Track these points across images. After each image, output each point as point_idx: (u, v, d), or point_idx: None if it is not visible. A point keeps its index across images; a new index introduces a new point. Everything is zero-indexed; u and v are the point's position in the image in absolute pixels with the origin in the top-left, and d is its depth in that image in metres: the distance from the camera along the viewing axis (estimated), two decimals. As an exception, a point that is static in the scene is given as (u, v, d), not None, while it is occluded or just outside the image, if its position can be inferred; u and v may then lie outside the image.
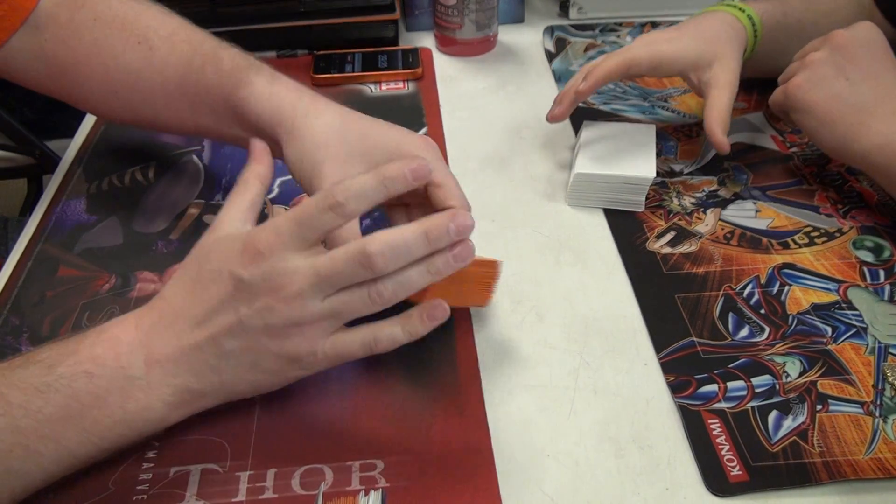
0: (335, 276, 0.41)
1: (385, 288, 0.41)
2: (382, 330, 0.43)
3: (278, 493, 0.44)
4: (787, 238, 0.60)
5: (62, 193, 0.67)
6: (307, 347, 0.43)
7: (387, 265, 0.40)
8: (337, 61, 0.82)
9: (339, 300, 0.42)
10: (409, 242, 0.40)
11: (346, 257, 0.40)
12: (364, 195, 0.41)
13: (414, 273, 0.41)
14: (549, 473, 0.45)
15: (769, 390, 0.48)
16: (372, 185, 0.41)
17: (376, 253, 0.40)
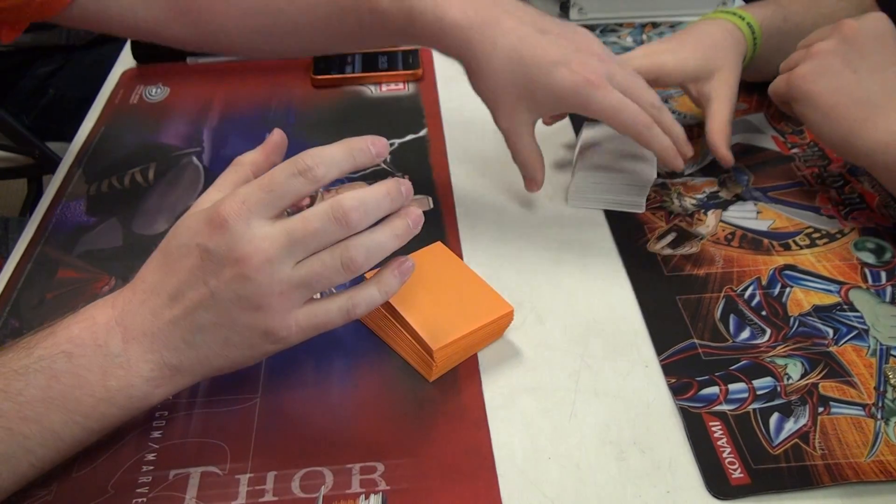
0: (309, 236, 0.41)
1: (358, 253, 0.42)
2: (359, 293, 0.43)
3: (278, 496, 0.43)
4: (789, 239, 0.59)
5: (62, 195, 0.66)
6: (279, 320, 0.42)
7: (361, 220, 0.41)
8: (337, 62, 0.82)
9: (310, 268, 0.41)
10: (378, 197, 0.42)
11: (320, 214, 0.41)
12: (333, 163, 0.42)
13: (382, 237, 0.42)
14: (550, 476, 0.45)
15: (770, 392, 0.48)
16: (341, 153, 0.42)
17: (351, 208, 0.41)
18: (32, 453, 0.41)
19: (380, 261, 0.43)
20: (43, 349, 0.41)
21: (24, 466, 0.41)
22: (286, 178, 0.41)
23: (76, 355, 0.41)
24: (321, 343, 0.52)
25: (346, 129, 0.73)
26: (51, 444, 0.41)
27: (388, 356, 0.51)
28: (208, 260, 0.41)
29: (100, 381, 0.41)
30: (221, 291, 0.41)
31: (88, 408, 0.41)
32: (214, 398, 0.49)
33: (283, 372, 0.50)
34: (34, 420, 0.40)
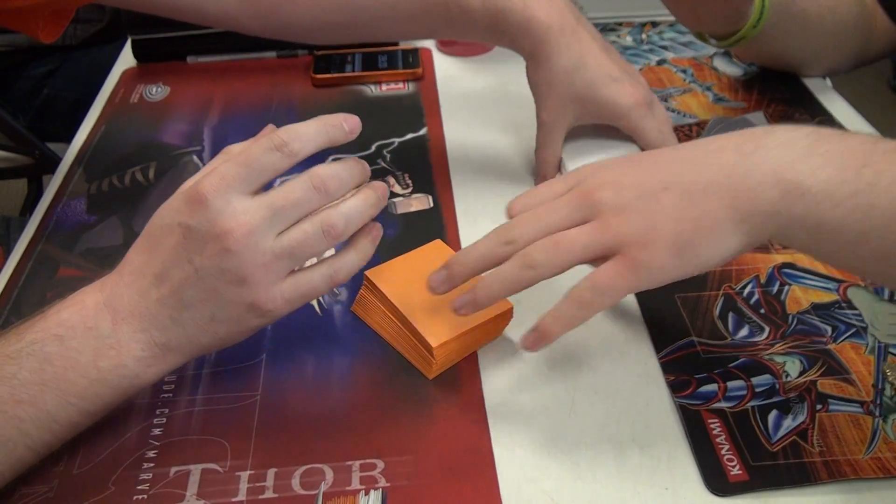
0: (289, 206, 0.42)
1: (338, 220, 0.43)
2: (340, 260, 0.45)
3: (278, 493, 0.44)
4: (787, 238, 0.60)
5: (63, 193, 0.67)
6: (264, 292, 0.43)
7: (338, 187, 0.44)
8: (337, 61, 0.82)
9: (292, 237, 0.43)
10: (350, 167, 0.45)
11: (299, 184, 0.43)
12: (308, 138, 0.43)
13: (359, 204, 0.45)
14: (549, 473, 0.45)
15: (769, 390, 0.48)
16: (315, 129, 0.44)
17: (329, 176, 0.43)
18: (28, 436, 0.41)
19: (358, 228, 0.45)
20: (34, 333, 0.42)
21: (21, 449, 0.41)
22: (263, 153, 0.42)
23: (67, 338, 0.42)
24: (321, 341, 0.52)
25: (346, 128, 0.73)
26: (46, 426, 0.41)
27: (387, 354, 0.51)
28: (191, 238, 0.42)
29: (92, 363, 0.42)
30: (205, 267, 0.42)
31: (82, 389, 0.42)
32: (215, 395, 0.49)
33: (284, 369, 0.51)
34: (28, 402, 0.41)
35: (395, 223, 0.62)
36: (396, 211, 0.63)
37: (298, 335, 0.53)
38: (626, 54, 0.84)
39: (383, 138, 0.72)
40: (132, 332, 0.43)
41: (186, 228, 0.42)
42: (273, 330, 0.53)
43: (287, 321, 0.53)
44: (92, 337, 0.42)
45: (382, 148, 0.71)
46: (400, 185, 0.66)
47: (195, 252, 0.42)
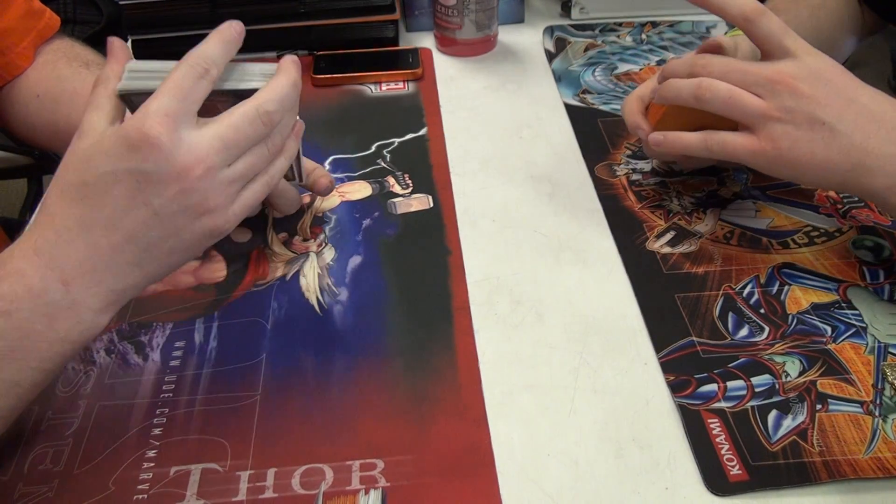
0: (241, 140, 0.44)
1: (277, 139, 0.46)
2: (272, 168, 0.47)
3: (278, 493, 0.44)
4: (787, 238, 0.60)
5: (63, 194, 0.67)
6: (222, 217, 0.45)
7: (280, 119, 0.45)
8: (337, 61, 0.82)
9: (244, 162, 0.45)
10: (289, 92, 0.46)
11: (247, 119, 0.44)
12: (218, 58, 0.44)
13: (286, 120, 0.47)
14: (550, 473, 0.45)
15: (769, 390, 0.48)
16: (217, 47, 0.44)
17: (275, 109, 0.45)
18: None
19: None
20: None
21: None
22: (194, 82, 0.43)
23: (14, 311, 0.41)
24: (321, 340, 0.52)
25: (346, 127, 0.74)
26: (10, 393, 0.41)
27: (388, 352, 0.52)
28: (146, 182, 0.41)
29: (48, 327, 0.41)
30: (166, 207, 0.42)
31: (41, 353, 0.42)
32: (215, 395, 0.49)
33: (284, 369, 0.51)
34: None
35: (395, 223, 0.62)
36: (396, 211, 0.63)
37: (298, 335, 0.53)
38: (625, 54, 0.84)
39: (383, 138, 0.72)
40: (86, 288, 0.42)
41: (141, 173, 0.41)
42: (273, 330, 0.53)
43: (287, 321, 0.54)
44: (43, 304, 0.41)
45: (382, 148, 0.71)
46: (400, 185, 0.66)
47: (154, 195, 0.42)
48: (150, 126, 0.41)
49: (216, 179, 0.43)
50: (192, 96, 0.42)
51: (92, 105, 0.44)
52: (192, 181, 0.42)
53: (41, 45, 0.69)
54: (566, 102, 0.76)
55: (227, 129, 0.43)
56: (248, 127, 0.44)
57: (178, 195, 0.42)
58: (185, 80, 0.42)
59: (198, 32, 0.82)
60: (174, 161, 0.41)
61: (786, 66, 0.50)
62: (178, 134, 0.41)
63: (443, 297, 0.55)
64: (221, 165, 0.43)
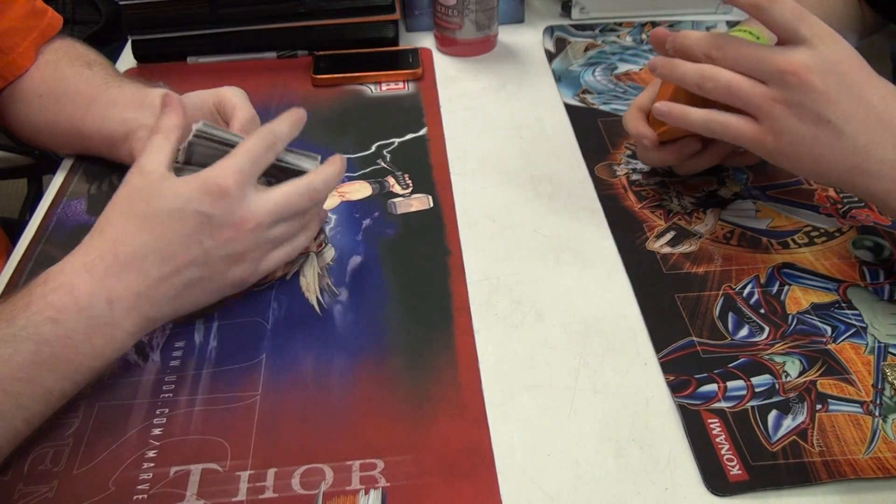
0: (290, 208, 0.51)
1: (309, 217, 0.54)
2: (297, 239, 0.54)
3: (278, 493, 0.44)
4: (787, 238, 0.60)
5: (63, 194, 0.67)
6: (251, 268, 0.51)
7: (325, 196, 0.54)
8: (337, 61, 0.82)
9: (284, 228, 0.52)
10: (335, 177, 0.54)
11: (299, 192, 0.51)
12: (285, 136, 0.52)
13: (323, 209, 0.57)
14: (549, 473, 0.45)
15: (769, 390, 0.48)
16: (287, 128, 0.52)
17: (321, 189, 0.53)
18: (26, 409, 0.43)
19: None
20: (24, 318, 0.44)
21: (18, 422, 0.43)
22: (264, 151, 0.50)
23: (61, 320, 0.44)
24: (321, 341, 0.52)
25: (346, 128, 0.74)
26: (42, 400, 0.44)
27: (388, 352, 0.52)
28: (207, 224, 0.47)
29: (86, 341, 0.45)
30: (215, 250, 0.48)
31: (77, 365, 0.45)
32: (215, 395, 0.49)
33: (284, 370, 0.51)
34: (27, 380, 0.43)
35: (395, 223, 0.62)
36: (396, 211, 0.63)
37: (298, 335, 0.53)
38: (625, 54, 0.84)
39: (383, 138, 0.72)
40: (127, 311, 0.46)
41: (206, 216, 0.47)
42: (273, 330, 0.53)
43: (287, 321, 0.54)
44: (86, 317, 0.45)
45: (382, 148, 0.71)
46: (400, 185, 0.66)
47: (209, 237, 0.48)
48: (226, 177, 0.48)
49: (262, 236, 0.50)
50: (260, 162, 0.50)
51: (151, 149, 0.50)
52: (243, 232, 0.49)
53: (44, 44, 0.69)
54: (566, 102, 0.76)
55: (282, 197, 0.50)
56: (298, 199, 0.51)
57: (227, 241, 0.49)
58: (257, 147, 0.50)
59: (198, 33, 0.82)
60: (236, 211, 0.48)
61: (800, 55, 0.48)
62: (244, 190, 0.48)
63: (443, 297, 0.55)
64: (269, 226, 0.50)
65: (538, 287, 0.57)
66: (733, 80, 0.50)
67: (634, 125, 0.61)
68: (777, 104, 0.49)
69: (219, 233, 0.48)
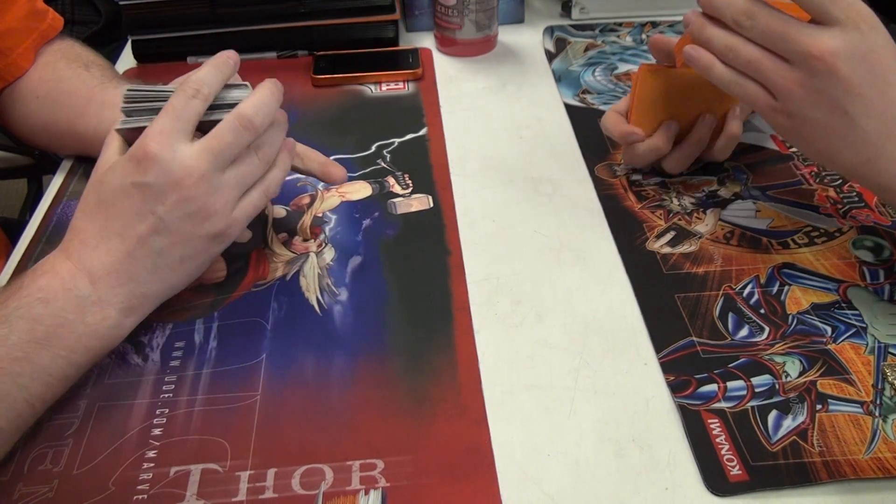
0: (226, 148, 0.49)
1: (267, 150, 0.52)
2: (269, 178, 0.53)
3: (278, 493, 0.44)
4: (787, 238, 0.60)
5: (63, 194, 0.67)
6: (224, 220, 0.50)
7: (262, 122, 0.50)
8: (337, 61, 0.82)
9: (237, 170, 0.50)
10: (267, 100, 0.50)
11: (229, 128, 0.49)
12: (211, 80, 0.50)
13: (274, 134, 0.52)
14: (549, 473, 0.45)
15: (769, 390, 0.48)
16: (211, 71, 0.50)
17: (253, 115, 0.49)
18: (26, 389, 0.44)
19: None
20: (17, 300, 0.45)
21: (20, 404, 0.44)
22: (186, 102, 0.48)
23: (51, 300, 0.46)
24: (321, 341, 0.52)
25: (346, 128, 0.74)
26: (42, 380, 0.45)
27: (388, 352, 0.52)
28: (149, 192, 0.47)
29: (79, 318, 0.46)
30: (169, 214, 0.47)
31: (72, 342, 0.46)
32: (215, 395, 0.49)
33: (284, 370, 0.51)
34: (24, 359, 0.44)
35: (396, 223, 0.62)
36: (396, 211, 0.63)
37: (298, 335, 0.53)
38: (625, 54, 0.84)
39: (383, 138, 0.72)
40: (111, 287, 0.47)
41: (142, 185, 0.47)
42: (273, 330, 0.53)
43: (287, 321, 0.54)
44: (73, 297, 0.46)
45: (382, 148, 0.71)
46: (400, 185, 0.66)
47: (157, 203, 0.47)
48: (149, 143, 0.47)
49: (211, 185, 0.48)
50: (185, 115, 0.48)
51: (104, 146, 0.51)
52: (188, 189, 0.47)
53: (44, 45, 0.69)
54: (566, 102, 0.76)
55: (212, 139, 0.48)
56: (230, 134, 0.49)
57: (178, 202, 0.47)
58: (178, 102, 0.48)
59: (198, 33, 0.82)
60: (171, 172, 0.47)
61: (830, 39, 0.46)
62: (172, 148, 0.47)
63: (443, 297, 0.55)
64: (213, 173, 0.48)
65: (538, 287, 0.57)
66: (753, 56, 0.49)
67: (617, 126, 0.61)
68: (797, 87, 0.47)
69: (164, 197, 0.47)
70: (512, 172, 0.68)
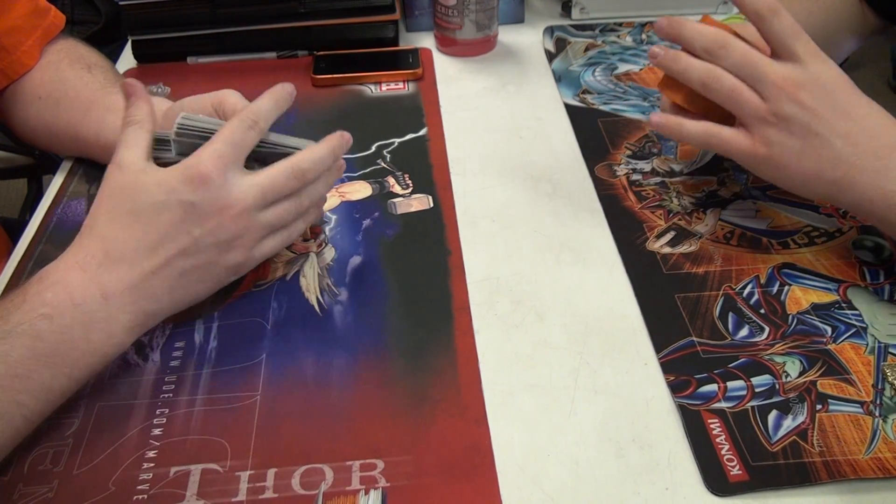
0: (275, 189, 0.50)
1: (306, 200, 0.53)
2: (292, 226, 0.53)
3: (278, 493, 0.44)
4: (787, 238, 0.60)
5: (63, 194, 0.67)
6: (244, 255, 0.50)
7: (312, 178, 0.52)
8: (337, 61, 0.82)
9: (274, 212, 0.51)
10: (325, 156, 0.52)
11: (284, 173, 0.50)
12: (268, 114, 0.51)
13: (322, 187, 0.54)
14: (549, 473, 0.45)
15: (769, 390, 0.48)
16: (272, 104, 0.51)
17: (308, 169, 0.51)
18: (25, 406, 0.43)
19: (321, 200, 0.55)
20: (19, 315, 0.44)
21: (18, 420, 0.43)
22: (244, 132, 0.49)
23: (56, 316, 0.44)
24: (321, 341, 0.52)
25: (346, 128, 0.73)
26: (41, 397, 0.44)
27: (388, 352, 0.52)
28: (192, 212, 0.47)
29: (83, 336, 0.45)
30: (204, 238, 0.48)
31: (74, 360, 0.45)
32: (215, 395, 0.49)
33: (284, 370, 0.51)
34: (24, 376, 0.43)
35: (396, 223, 0.62)
36: (396, 211, 0.63)
37: (298, 335, 0.53)
38: (626, 54, 0.84)
39: (383, 138, 0.72)
40: (123, 305, 0.46)
41: (189, 204, 0.47)
42: (273, 330, 0.53)
43: (287, 321, 0.54)
44: (80, 313, 0.45)
45: (382, 148, 0.71)
46: (400, 185, 0.66)
47: (196, 225, 0.47)
48: (205, 165, 0.47)
49: (250, 221, 0.49)
50: (241, 144, 0.49)
51: (127, 143, 0.49)
52: (230, 217, 0.48)
53: (46, 44, 0.69)
54: (566, 102, 0.76)
55: (266, 179, 0.49)
56: (284, 180, 0.50)
57: (215, 228, 0.48)
58: (236, 130, 0.49)
59: (198, 33, 0.82)
60: (220, 197, 0.48)
61: (793, 72, 0.50)
62: (226, 175, 0.48)
63: (443, 297, 0.55)
64: (256, 209, 0.49)
65: (538, 287, 0.57)
66: (735, 86, 0.52)
67: None
68: (770, 115, 0.51)
69: (205, 220, 0.47)
70: (512, 172, 0.68)
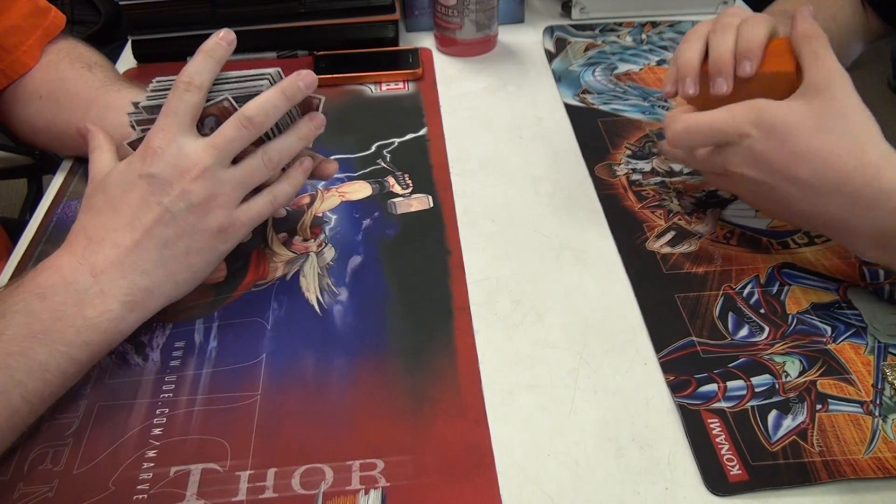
0: (228, 143, 0.50)
1: (274, 153, 0.52)
2: (277, 188, 0.54)
3: (278, 493, 0.44)
4: (787, 238, 0.60)
5: (63, 194, 0.67)
6: (225, 216, 0.51)
7: (264, 121, 0.50)
8: (337, 61, 0.82)
9: (241, 170, 0.51)
10: (273, 99, 0.50)
11: (231, 125, 0.50)
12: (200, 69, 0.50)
13: (291, 140, 0.53)
14: (549, 473, 0.45)
15: (769, 390, 0.48)
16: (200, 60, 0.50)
17: (253, 114, 0.50)
18: (22, 385, 0.44)
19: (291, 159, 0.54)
20: (15, 297, 0.46)
21: (16, 400, 0.44)
22: (181, 97, 0.49)
23: (49, 295, 0.46)
24: (321, 341, 0.52)
25: (346, 127, 0.74)
26: (38, 376, 0.44)
27: (388, 352, 0.52)
28: (155, 184, 0.49)
29: (77, 313, 0.46)
30: (175, 204, 0.49)
31: (70, 336, 0.46)
32: (215, 395, 0.49)
33: (284, 369, 0.51)
34: (19, 354, 0.44)
35: (396, 223, 0.62)
36: (396, 211, 0.63)
37: (298, 335, 0.53)
38: (626, 54, 0.84)
39: (383, 138, 0.72)
40: (114, 280, 0.48)
41: (149, 177, 0.49)
42: (273, 330, 0.53)
43: (287, 321, 0.54)
44: (73, 290, 0.46)
45: (382, 148, 0.71)
46: (400, 185, 0.66)
47: (162, 194, 0.49)
48: (152, 139, 0.49)
49: (215, 179, 0.49)
50: (181, 110, 0.49)
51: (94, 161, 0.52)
52: (191, 180, 0.49)
53: (47, 44, 0.69)
54: (566, 102, 0.76)
55: (217, 136, 0.50)
56: (233, 131, 0.50)
57: (183, 193, 0.49)
58: (172, 99, 0.49)
59: (199, 33, 0.82)
60: (177, 163, 0.49)
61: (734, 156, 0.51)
62: (176, 142, 0.49)
63: (443, 297, 0.55)
64: (217, 167, 0.49)
65: (538, 287, 0.57)
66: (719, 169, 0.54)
67: None
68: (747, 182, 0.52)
69: (169, 187, 0.48)
70: (512, 172, 0.68)
